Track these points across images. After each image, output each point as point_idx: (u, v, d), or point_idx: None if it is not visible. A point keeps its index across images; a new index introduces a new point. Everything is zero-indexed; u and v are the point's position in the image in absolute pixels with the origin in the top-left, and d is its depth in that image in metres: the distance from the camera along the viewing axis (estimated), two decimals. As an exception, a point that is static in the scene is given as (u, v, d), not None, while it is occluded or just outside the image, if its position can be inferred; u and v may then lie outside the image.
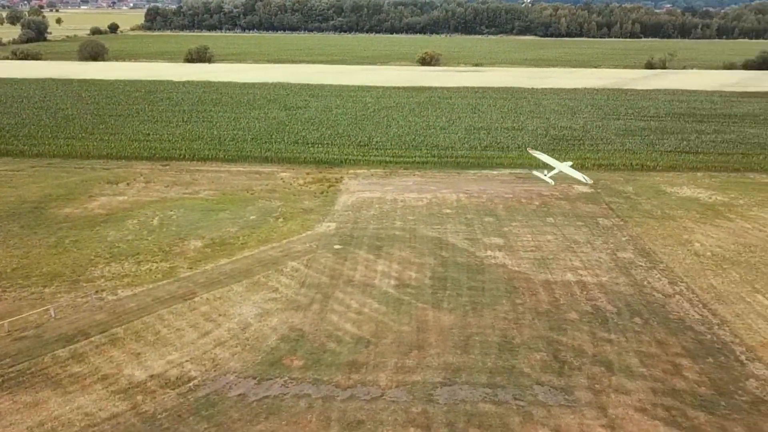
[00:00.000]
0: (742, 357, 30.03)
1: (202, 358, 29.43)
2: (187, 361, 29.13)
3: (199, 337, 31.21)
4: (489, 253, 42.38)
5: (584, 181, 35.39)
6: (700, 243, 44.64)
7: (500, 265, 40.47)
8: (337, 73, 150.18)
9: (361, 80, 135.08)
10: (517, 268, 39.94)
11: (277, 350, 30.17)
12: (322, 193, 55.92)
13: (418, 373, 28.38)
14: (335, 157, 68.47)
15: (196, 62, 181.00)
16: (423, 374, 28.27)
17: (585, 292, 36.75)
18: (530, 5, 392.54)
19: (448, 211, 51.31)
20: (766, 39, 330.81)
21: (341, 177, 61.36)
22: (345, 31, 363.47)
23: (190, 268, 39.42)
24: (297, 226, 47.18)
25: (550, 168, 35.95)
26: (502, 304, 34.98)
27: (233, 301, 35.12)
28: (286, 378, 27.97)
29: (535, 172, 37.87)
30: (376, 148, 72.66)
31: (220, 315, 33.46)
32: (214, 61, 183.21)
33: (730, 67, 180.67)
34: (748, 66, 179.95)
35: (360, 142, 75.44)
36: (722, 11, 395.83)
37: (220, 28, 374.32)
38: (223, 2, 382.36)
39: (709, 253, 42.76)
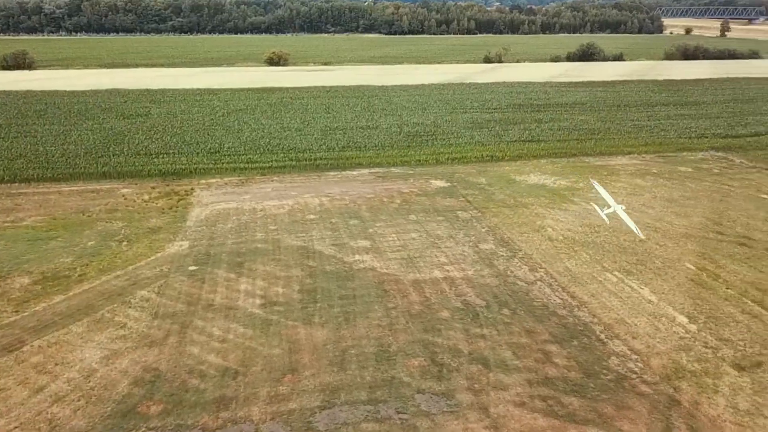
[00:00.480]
0: (602, 336, 31.60)
1: (35, 421, 24.85)
2: (15, 428, 24.41)
3: (30, 396, 26.41)
4: (357, 257, 41.19)
5: (636, 232, 33.59)
6: (552, 228, 47.08)
7: (369, 268, 39.43)
8: (179, 77, 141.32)
9: (206, 83, 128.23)
10: (386, 270, 39.14)
11: (129, 397, 26.38)
12: (171, 208, 51.26)
13: (294, 400, 26.27)
14: (183, 167, 63.52)
15: (14, 69, 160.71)
16: (299, 400, 26.22)
17: (454, 288, 36.85)
18: (372, 4, 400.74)
19: (311, 216, 49.41)
20: (581, 33, 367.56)
21: (192, 189, 56.87)
22: (185, 32, 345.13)
23: (16, 311, 33.66)
24: (144, 248, 42.54)
25: (608, 206, 34.47)
26: (375, 311, 33.88)
27: (73, 345, 30.40)
28: (143, 429, 24.45)
29: (594, 205, 36.58)
30: (229, 155, 68.68)
31: (56, 364, 28.71)
32: (35, 68, 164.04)
33: (556, 59, 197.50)
34: (570, 58, 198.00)
35: (210, 149, 70.89)
36: (544, 8, 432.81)
37: (42, 31, 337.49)
38: (42, 2, 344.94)
39: (561, 237, 45.17)
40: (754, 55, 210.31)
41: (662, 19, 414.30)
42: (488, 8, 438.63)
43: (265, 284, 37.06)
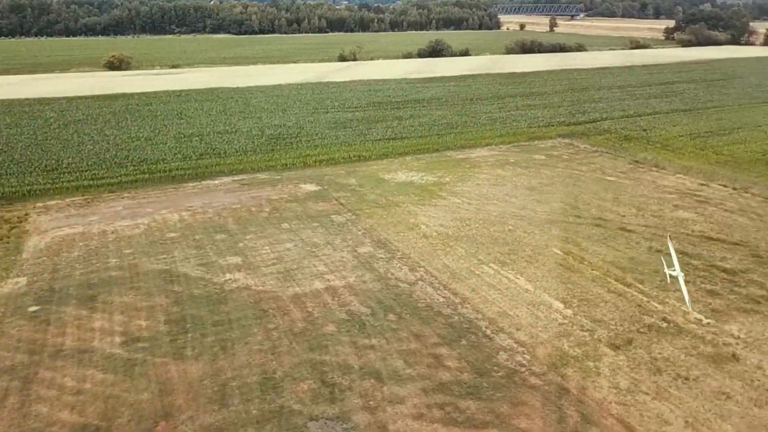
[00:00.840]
0: (488, 331, 31.69)
1: None
2: None
3: None
4: (228, 276, 38.02)
5: (687, 303, 31.82)
6: (426, 225, 47.11)
7: (243, 287, 36.52)
8: (1, 86, 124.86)
9: (35, 92, 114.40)
10: (262, 288, 36.49)
11: (-40, 482, 21.63)
12: (0, 239, 44.18)
13: (172, 451, 23.13)
14: (14, 189, 55.40)
15: None
16: (178, 451, 23.12)
17: (336, 299, 35.21)
18: (219, 3, 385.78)
19: (172, 235, 45.07)
20: (427, 30, 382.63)
21: (26, 214, 49.62)
22: (5, 35, 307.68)
23: None
24: (-31, 291, 35.98)
25: (673, 268, 32.60)
26: (254, 334, 31.24)
27: None
28: None
29: (663, 260, 34.81)
30: (69, 172, 61.19)
31: None
32: None
33: (408, 56, 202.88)
34: (421, 54, 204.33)
35: (46, 166, 62.73)
36: (391, 6, 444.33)
37: None
38: None
39: (435, 233, 45.27)
40: (580, 48, 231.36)
41: (499, 16, 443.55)
42: (337, 7, 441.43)
43: (124, 318, 32.79)
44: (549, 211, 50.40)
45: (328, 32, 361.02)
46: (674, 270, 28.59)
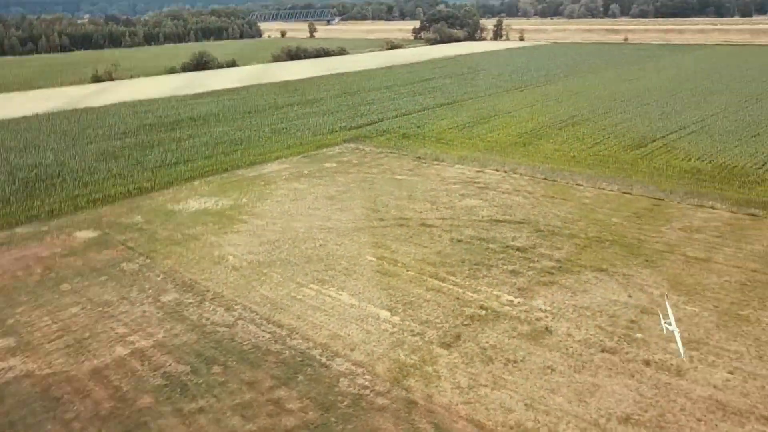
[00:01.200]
0: (323, 359, 30.25)
1: None
2: None
3: None
4: (0, 365, 30.88)
5: (681, 353, 28.40)
6: (233, 255, 43.92)
7: (23, 375, 29.89)
8: None
9: None
10: (48, 370, 30.28)
11: None
12: None
13: None
14: None
15: None
16: None
17: (147, 363, 30.70)
18: None
19: None
20: (187, 42, 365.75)
21: None
22: None
23: None
24: None
25: (669, 323, 29.19)
26: (50, 432, 25.64)
27: None
28: None
29: (660, 314, 30.79)
30: None
31: None
32: None
33: (172, 71, 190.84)
34: (186, 68, 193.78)
35: None
36: (143, 18, 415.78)
37: None
38: None
39: (245, 263, 42.39)
40: (342, 51, 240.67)
41: (259, 24, 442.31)
42: (79, 21, 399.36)
43: None
44: (353, 218, 50.61)
45: (73, 50, 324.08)
46: (670, 324, 30.73)
